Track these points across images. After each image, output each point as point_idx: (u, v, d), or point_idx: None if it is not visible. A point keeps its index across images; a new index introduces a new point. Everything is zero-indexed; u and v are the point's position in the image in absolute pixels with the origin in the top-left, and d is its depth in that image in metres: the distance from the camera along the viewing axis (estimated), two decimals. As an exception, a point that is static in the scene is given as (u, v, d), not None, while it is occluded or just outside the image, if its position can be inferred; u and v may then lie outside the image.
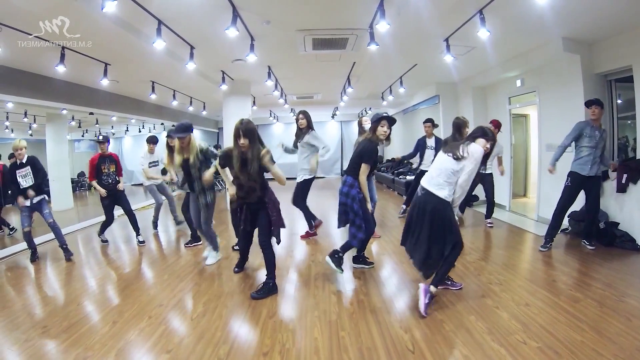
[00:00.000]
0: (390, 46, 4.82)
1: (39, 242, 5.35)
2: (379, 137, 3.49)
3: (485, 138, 2.90)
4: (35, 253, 4.73)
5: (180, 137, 3.85)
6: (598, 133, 4.20)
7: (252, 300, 3.25)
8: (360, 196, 3.53)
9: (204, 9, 3.84)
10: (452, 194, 2.89)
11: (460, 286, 3.34)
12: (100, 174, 5.16)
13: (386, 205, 7.93)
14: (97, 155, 5.22)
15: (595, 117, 4.19)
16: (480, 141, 2.90)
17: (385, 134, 3.48)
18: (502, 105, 6.76)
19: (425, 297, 2.82)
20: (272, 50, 5.37)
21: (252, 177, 3.22)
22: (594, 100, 4.23)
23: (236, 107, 7.82)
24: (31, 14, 3.56)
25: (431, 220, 2.89)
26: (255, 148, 3.15)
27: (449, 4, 3.78)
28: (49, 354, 2.48)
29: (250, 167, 3.16)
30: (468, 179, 2.84)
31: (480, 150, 2.84)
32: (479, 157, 2.83)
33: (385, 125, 3.46)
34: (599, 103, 4.21)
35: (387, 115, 3.52)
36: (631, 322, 2.63)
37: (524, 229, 5.42)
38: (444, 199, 2.86)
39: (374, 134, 3.50)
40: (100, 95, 7.16)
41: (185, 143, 3.93)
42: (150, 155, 5.82)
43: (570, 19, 4.07)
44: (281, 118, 14.43)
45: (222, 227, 6.47)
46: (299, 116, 4.95)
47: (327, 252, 3.71)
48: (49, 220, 4.66)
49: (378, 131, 3.47)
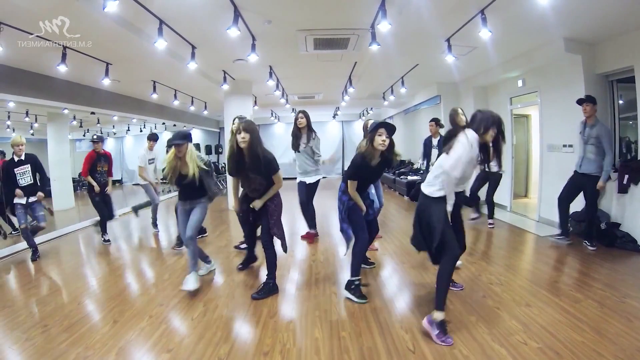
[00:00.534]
0: (392, 46, 4.81)
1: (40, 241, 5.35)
2: (377, 148, 3.00)
3: (485, 127, 2.56)
4: (37, 252, 4.73)
5: (177, 144, 3.38)
6: (588, 130, 4.24)
7: (253, 300, 3.25)
8: (350, 203, 3.22)
9: (206, 9, 3.84)
10: (440, 190, 2.61)
11: (461, 287, 3.34)
12: (95, 171, 5.22)
13: (387, 206, 7.92)
14: (93, 152, 5.26)
15: (587, 115, 4.25)
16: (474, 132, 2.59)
17: (384, 143, 2.97)
18: (504, 105, 6.75)
19: (433, 328, 2.53)
20: (274, 50, 5.37)
21: (258, 179, 3.24)
22: (584, 98, 4.29)
23: (237, 106, 7.82)
24: (31, 14, 3.56)
25: (419, 218, 2.77)
26: (260, 148, 3.16)
27: (451, 4, 3.78)
28: (50, 353, 2.48)
29: (261, 167, 3.18)
30: (454, 164, 2.50)
31: (473, 136, 2.53)
32: (468, 143, 2.51)
33: (383, 134, 2.97)
34: (589, 100, 4.25)
35: (385, 122, 3.08)
36: (632, 322, 2.62)
37: (525, 230, 5.41)
38: (429, 195, 2.65)
39: (370, 145, 3.04)
40: (102, 95, 7.17)
41: (183, 152, 3.43)
42: (150, 152, 5.85)
43: (571, 19, 4.06)
44: (282, 118, 14.44)
45: (224, 226, 6.48)
46: (298, 115, 4.89)
47: (328, 251, 3.70)
48: (40, 223, 4.67)
49: (375, 141, 2.98)
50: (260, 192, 3.32)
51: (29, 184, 4.62)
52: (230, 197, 3.39)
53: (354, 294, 3.19)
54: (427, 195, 2.67)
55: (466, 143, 2.51)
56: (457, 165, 2.50)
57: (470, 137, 2.52)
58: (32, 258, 4.65)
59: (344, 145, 15.46)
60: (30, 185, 4.65)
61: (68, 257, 4.93)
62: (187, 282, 3.41)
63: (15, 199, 4.58)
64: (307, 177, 4.96)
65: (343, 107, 11.92)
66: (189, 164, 3.42)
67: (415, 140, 11.25)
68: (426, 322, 2.59)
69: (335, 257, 4.37)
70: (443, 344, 2.44)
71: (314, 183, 4.99)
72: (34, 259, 4.64)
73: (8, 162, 4.61)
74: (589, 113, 4.24)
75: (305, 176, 4.98)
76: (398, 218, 6.93)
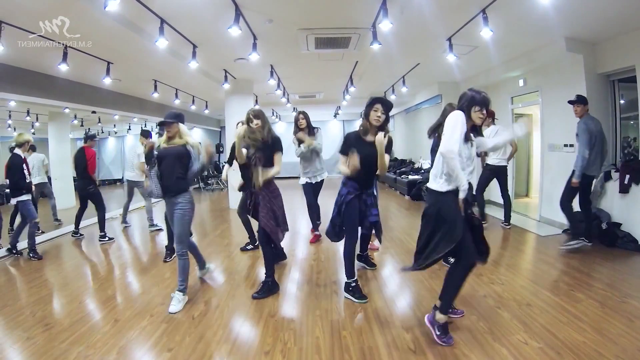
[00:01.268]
0: (393, 45, 4.81)
1: (40, 241, 5.37)
2: (372, 123, 2.92)
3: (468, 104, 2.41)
4: (19, 252, 4.80)
5: (167, 122, 3.17)
6: (577, 128, 4.27)
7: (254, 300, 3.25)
8: (348, 198, 3.03)
9: (207, 8, 3.84)
10: (446, 183, 2.41)
11: (462, 313, 3.26)
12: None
13: (388, 205, 7.92)
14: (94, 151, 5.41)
15: (577, 115, 4.28)
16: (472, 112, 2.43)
17: (379, 119, 2.89)
18: (505, 104, 6.74)
19: (434, 328, 2.48)
20: (275, 49, 5.37)
21: (262, 160, 3.27)
22: (574, 100, 4.29)
23: (238, 106, 7.81)
24: (32, 13, 3.56)
25: (427, 217, 2.51)
26: (269, 127, 3.37)
27: (452, 3, 3.77)
28: (51, 352, 2.48)
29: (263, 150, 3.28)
30: (448, 138, 2.32)
31: (457, 113, 2.37)
32: (454, 120, 2.35)
33: (379, 109, 2.88)
34: (578, 100, 4.26)
35: (381, 97, 2.98)
36: (633, 322, 2.62)
37: (526, 229, 5.40)
38: (436, 189, 2.44)
39: (366, 121, 2.95)
40: (103, 94, 7.17)
41: (172, 132, 3.20)
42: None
43: (573, 18, 4.06)
44: (283, 117, 14.43)
45: (225, 225, 6.48)
46: (299, 116, 4.88)
47: (329, 250, 3.69)
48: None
49: (371, 116, 2.90)
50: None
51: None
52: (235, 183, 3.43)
53: (353, 295, 3.18)
54: (435, 190, 2.46)
55: (451, 118, 2.37)
56: (451, 139, 2.32)
57: (452, 118, 2.37)
58: (31, 255, 4.69)
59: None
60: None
61: (69, 256, 4.93)
62: (172, 303, 3.12)
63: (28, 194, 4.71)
64: (313, 178, 4.94)
65: (344, 106, 11.91)
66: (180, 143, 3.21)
67: (416, 140, 11.25)
68: (428, 321, 2.55)
69: (336, 256, 4.36)
70: (444, 344, 2.43)
71: (319, 182, 5.00)
72: (36, 257, 4.68)
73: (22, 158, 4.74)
74: (579, 113, 4.25)
75: (311, 176, 4.94)
76: (399, 217, 6.92)
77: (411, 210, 7.45)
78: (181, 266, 3.22)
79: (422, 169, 9.58)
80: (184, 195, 3.20)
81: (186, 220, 3.21)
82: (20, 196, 4.63)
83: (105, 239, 5.43)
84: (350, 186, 3.07)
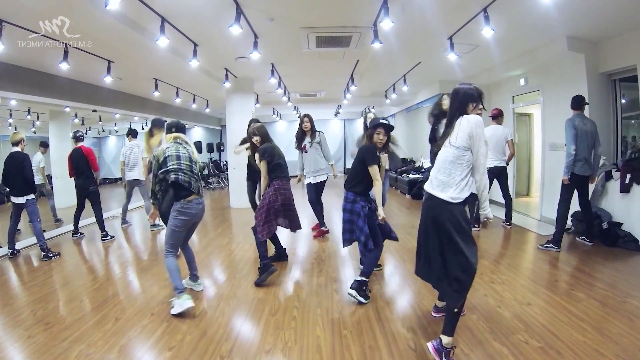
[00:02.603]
0: (394, 44, 4.80)
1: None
2: (376, 144, 3.23)
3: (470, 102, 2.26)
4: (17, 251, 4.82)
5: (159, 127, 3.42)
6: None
7: (255, 296, 3.27)
8: (365, 211, 3.17)
9: (208, 7, 3.83)
10: (460, 194, 2.20)
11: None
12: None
13: (388, 204, 7.90)
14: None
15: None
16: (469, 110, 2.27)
17: (382, 141, 3.22)
18: (506, 104, 6.73)
19: (440, 357, 2.21)
20: (276, 47, 5.37)
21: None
22: (586, 102, 4.32)
23: (239, 104, 7.83)
24: (33, 12, 3.57)
25: (437, 229, 2.26)
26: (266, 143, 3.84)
27: (454, 2, 3.77)
28: (52, 351, 2.49)
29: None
30: (484, 161, 2.19)
31: (477, 118, 2.21)
32: (477, 126, 2.17)
33: (381, 133, 3.20)
34: (572, 101, 4.33)
35: (385, 122, 3.24)
36: (634, 322, 2.62)
37: (526, 229, 5.40)
38: (449, 200, 2.19)
39: (370, 141, 3.25)
40: (104, 93, 7.18)
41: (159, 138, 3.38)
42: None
43: (574, 17, 4.05)
44: (284, 116, 14.44)
45: (225, 225, 6.48)
46: (304, 119, 5.07)
47: (330, 249, 3.70)
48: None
49: (374, 139, 3.22)
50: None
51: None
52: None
53: (362, 294, 3.12)
54: (446, 200, 2.21)
55: (482, 128, 2.19)
56: (485, 157, 2.19)
57: (474, 123, 2.18)
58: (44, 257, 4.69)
59: (345, 143, 15.45)
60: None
61: (69, 255, 4.94)
62: (173, 306, 3.01)
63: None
64: (314, 178, 5.11)
65: (345, 105, 11.91)
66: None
67: (417, 139, 11.23)
68: (432, 349, 2.25)
69: (337, 256, 4.37)
70: None
71: (321, 182, 5.13)
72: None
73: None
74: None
75: (314, 176, 5.11)
76: (399, 216, 6.92)
77: (412, 209, 7.45)
78: (166, 266, 3.11)
79: (423, 168, 9.57)
80: (175, 204, 3.08)
81: (171, 228, 3.09)
82: (29, 194, 4.62)
83: (108, 237, 5.44)
84: (359, 201, 3.22)
